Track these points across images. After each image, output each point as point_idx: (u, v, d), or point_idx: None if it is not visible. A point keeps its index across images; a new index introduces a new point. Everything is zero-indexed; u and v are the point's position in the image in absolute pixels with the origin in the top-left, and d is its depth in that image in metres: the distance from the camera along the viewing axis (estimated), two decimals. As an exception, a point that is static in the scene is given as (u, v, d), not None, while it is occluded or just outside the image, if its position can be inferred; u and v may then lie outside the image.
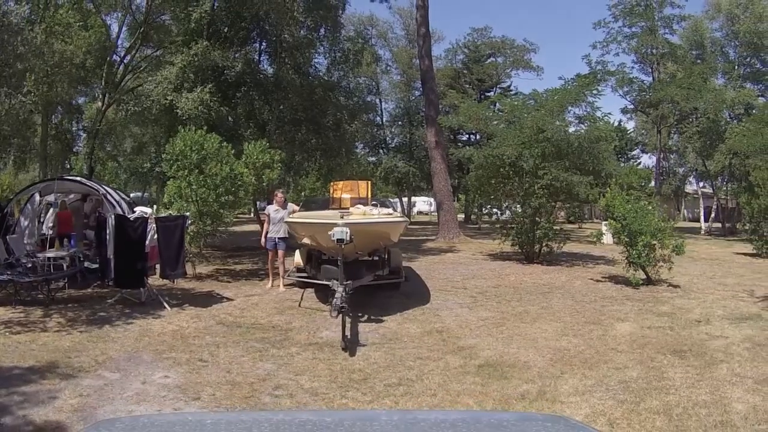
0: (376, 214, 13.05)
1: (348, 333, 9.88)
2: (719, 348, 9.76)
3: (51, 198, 17.78)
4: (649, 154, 63.09)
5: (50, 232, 17.36)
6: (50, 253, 15.22)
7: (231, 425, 2.42)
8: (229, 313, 12.23)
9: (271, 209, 15.26)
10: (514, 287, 16.01)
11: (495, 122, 24.54)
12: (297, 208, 16.52)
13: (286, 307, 12.88)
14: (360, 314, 11.77)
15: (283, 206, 15.22)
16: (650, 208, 16.83)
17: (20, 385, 7.56)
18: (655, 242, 15.96)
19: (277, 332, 10.64)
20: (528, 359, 9.10)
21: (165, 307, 12.36)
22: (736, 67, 44.08)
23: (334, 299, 9.73)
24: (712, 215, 45.53)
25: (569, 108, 22.68)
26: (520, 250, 21.99)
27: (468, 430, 2.31)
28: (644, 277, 16.22)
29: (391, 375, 8.31)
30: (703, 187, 51.44)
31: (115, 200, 16.79)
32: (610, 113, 25.02)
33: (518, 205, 21.96)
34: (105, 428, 2.37)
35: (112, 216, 12.92)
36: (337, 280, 10.21)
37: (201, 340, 10.03)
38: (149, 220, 12.94)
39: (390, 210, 15.60)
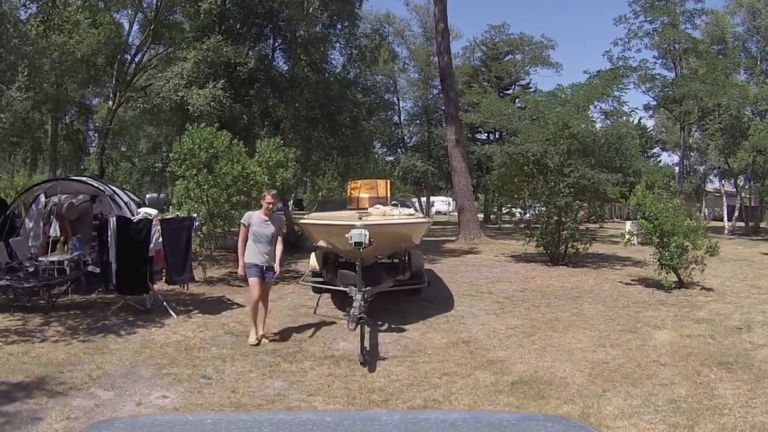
0: (396, 215, 12.18)
1: (366, 344, 9.05)
2: (766, 359, 9.05)
3: (57, 199, 17.21)
4: (668, 152, 62.55)
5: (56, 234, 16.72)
6: (53, 257, 14.51)
7: (231, 425, 2.35)
8: (239, 322, 11.38)
9: (254, 219, 10.20)
10: (542, 291, 15.20)
11: (518, 118, 23.61)
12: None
13: (300, 315, 12.07)
14: (379, 322, 10.96)
15: (271, 216, 10.35)
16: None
17: (3, 403, 6.86)
18: (687, 243, 15.20)
19: (290, 343, 9.83)
20: (565, 374, 8.28)
21: (171, 315, 11.58)
22: (759, 62, 43.27)
23: (352, 309, 8.88)
24: (736, 214, 44.73)
25: (596, 103, 21.87)
26: (544, 252, 21.20)
27: (468, 430, 2.27)
28: (676, 279, 15.45)
29: (416, 395, 7.50)
30: (723, 185, 50.75)
31: (123, 201, 16.16)
32: (636, 108, 24.45)
33: (542, 205, 21.17)
34: (105, 428, 2.30)
35: (114, 217, 12.11)
36: (355, 287, 9.42)
37: (206, 352, 9.24)
38: (153, 222, 12.15)
39: (411, 210, 14.69)
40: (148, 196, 44.69)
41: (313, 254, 13.74)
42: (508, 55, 58.66)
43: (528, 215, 23.18)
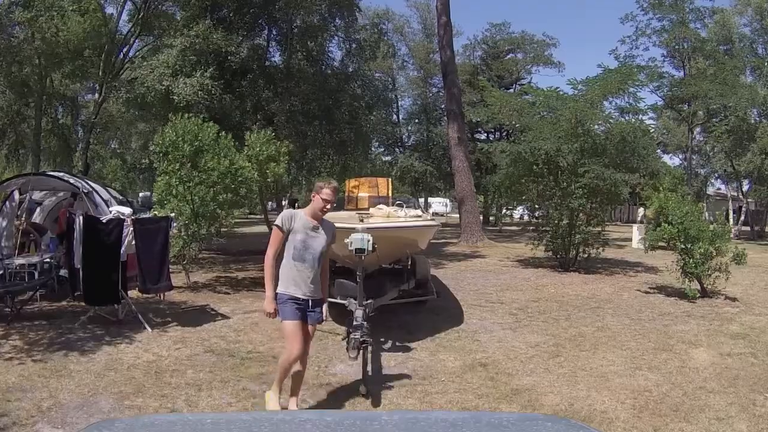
0: (402, 217, 10.87)
1: (369, 368, 7.67)
2: (818, 382, 7.92)
3: (37, 196, 16.03)
4: (670, 155, 61.83)
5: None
6: (20, 259, 13.15)
7: (231, 425, 2.38)
8: (221, 337, 10.02)
9: (299, 222, 6.51)
10: (558, 301, 13.98)
11: (528, 113, 22.25)
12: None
13: (291, 329, 10.72)
14: (382, 339, 9.62)
15: (322, 222, 6.68)
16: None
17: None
18: (712, 250, 14.09)
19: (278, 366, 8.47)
20: (605, 407, 7.01)
21: (145, 328, 10.17)
22: (766, 63, 42.44)
23: (352, 332, 7.25)
24: (742, 218, 44.02)
25: (611, 99, 20.66)
26: (554, 256, 20.15)
27: (468, 429, 2.29)
28: (698, 288, 14.39)
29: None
30: (719, 189, 50.38)
31: (103, 199, 14.90)
32: (651, 107, 23.46)
33: (553, 207, 19.93)
34: (105, 428, 2.29)
35: (80, 217, 10.72)
36: (355, 299, 8.06)
37: (180, 377, 7.84)
38: (126, 223, 10.74)
39: (418, 211, 13.36)
40: (141, 194, 43.65)
41: None
42: (509, 53, 57.66)
43: (536, 218, 22.00)
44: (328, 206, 6.61)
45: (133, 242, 10.73)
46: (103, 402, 6.87)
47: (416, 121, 57.19)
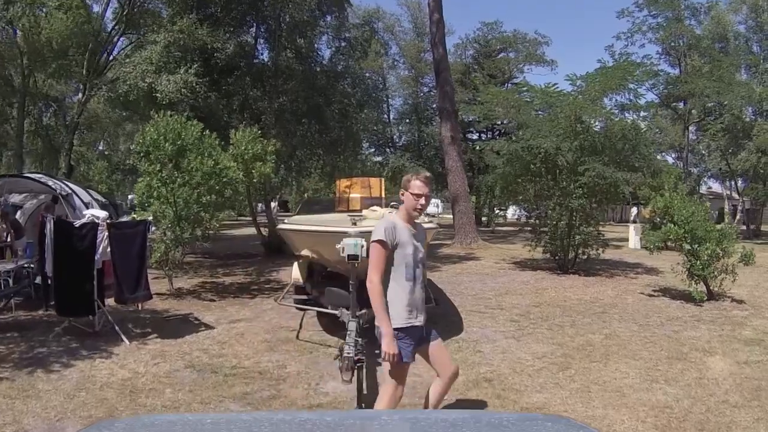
0: (398, 219, 10.15)
1: (364, 386, 6.90)
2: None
3: (17, 198, 15.45)
4: (663, 153, 61.81)
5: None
6: (-5, 266, 12.46)
7: (231, 424, 2.36)
8: (204, 350, 9.29)
9: (402, 232, 5.31)
10: (560, 306, 13.33)
11: (525, 110, 21.55)
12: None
13: (279, 340, 9.91)
14: (377, 351, 8.92)
15: (416, 225, 5.66)
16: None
17: None
18: (719, 251, 13.51)
19: (265, 383, 7.70)
20: (625, 428, 6.37)
21: (122, 340, 9.46)
22: (762, 60, 42.16)
23: (345, 348, 6.34)
24: (738, 216, 43.71)
25: (611, 95, 20.02)
26: (552, 258, 19.53)
27: (468, 429, 2.26)
28: (705, 290, 13.85)
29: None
30: (710, 188, 50.14)
31: (83, 202, 14.31)
32: (649, 103, 22.95)
33: (551, 207, 19.29)
34: (105, 428, 2.29)
35: (51, 221, 10.01)
36: (347, 310, 7.38)
37: (157, 397, 7.12)
38: (100, 227, 10.00)
39: (415, 213, 12.66)
40: (129, 196, 43.04)
41: (295, 264, 11.37)
42: (501, 52, 57.13)
43: (533, 218, 21.39)
44: (423, 202, 5.33)
45: (109, 248, 10.03)
46: (69, 428, 6.19)
47: (407, 120, 56.66)
